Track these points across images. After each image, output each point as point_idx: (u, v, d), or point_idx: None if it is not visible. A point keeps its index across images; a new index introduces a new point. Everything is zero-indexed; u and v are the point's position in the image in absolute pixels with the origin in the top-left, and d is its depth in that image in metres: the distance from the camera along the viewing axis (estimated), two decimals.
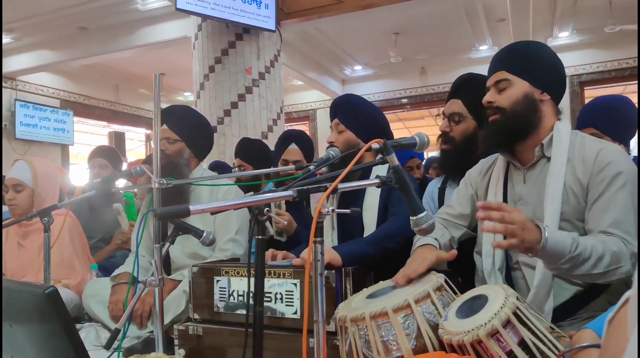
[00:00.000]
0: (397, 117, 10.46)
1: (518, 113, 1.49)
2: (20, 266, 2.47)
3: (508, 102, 1.51)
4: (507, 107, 1.51)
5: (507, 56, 1.56)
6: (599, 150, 1.43)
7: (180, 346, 1.80)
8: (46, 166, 2.61)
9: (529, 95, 1.50)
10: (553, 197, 1.43)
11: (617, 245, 1.31)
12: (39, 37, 6.72)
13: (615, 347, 0.57)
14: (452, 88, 2.02)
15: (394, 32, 7.11)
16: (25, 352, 1.09)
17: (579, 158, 1.45)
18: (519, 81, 1.51)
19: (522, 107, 1.49)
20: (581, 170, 1.43)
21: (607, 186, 1.38)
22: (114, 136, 9.43)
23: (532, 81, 1.51)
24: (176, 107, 2.37)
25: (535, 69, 1.52)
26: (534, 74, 1.51)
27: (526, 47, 1.57)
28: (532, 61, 1.53)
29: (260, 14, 5.11)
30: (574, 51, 7.60)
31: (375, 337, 1.22)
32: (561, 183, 1.43)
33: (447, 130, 1.97)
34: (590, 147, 1.46)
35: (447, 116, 1.98)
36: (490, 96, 1.55)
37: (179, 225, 1.61)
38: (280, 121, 5.49)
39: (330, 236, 2.01)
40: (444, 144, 1.99)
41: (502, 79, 1.53)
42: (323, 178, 1.20)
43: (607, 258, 1.28)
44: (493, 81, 1.55)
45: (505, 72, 1.53)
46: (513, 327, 1.08)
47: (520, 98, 1.50)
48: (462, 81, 1.99)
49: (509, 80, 1.52)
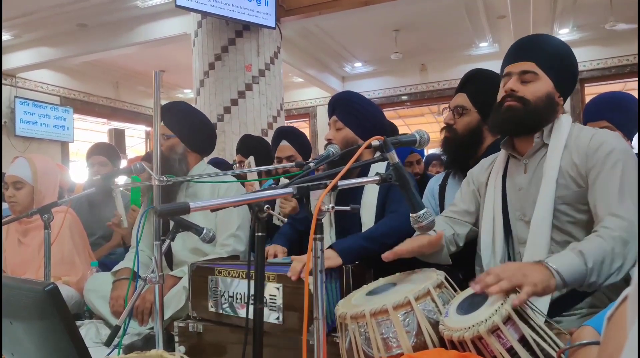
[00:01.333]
0: (397, 114, 10.45)
1: (539, 110, 1.48)
2: (20, 264, 2.47)
3: (533, 96, 1.48)
4: (531, 100, 1.48)
5: (538, 49, 1.52)
6: (592, 134, 1.45)
7: (180, 343, 1.80)
8: (46, 163, 2.61)
9: (550, 95, 1.50)
10: (548, 179, 1.44)
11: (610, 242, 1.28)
12: (39, 34, 6.70)
13: (615, 344, 0.57)
14: (459, 83, 2.03)
15: (394, 29, 7.10)
16: (25, 349, 1.09)
17: (575, 144, 1.46)
18: (546, 78, 1.50)
19: (544, 105, 1.48)
20: (576, 155, 1.44)
21: (602, 165, 1.38)
22: (114, 133, 9.42)
23: (556, 82, 1.50)
24: (172, 104, 2.37)
25: (562, 71, 1.51)
26: (559, 76, 1.51)
27: (558, 45, 1.55)
28: (561, 61, 1.52)
29: (260, 10, 5.11)
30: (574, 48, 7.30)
31: (375, 334, 1.22)
32: (557, 166, 1.44)
33: (450, 122, 1.98)
34: (585, 134, 1.47)
35: (452, 108, 1.99)
36: (514, 85, 1.50)
37: (179, 222, 1.61)
38: (280, 118, 5.49)
39: (329, 233, 2.01)
40: (446, 133, 2.00)
41: (530, 71, 1.50)
42: (323, 175, 1.20)
43: (617, 249, 1.26)
44: (519, 69, 1.51)
45: (534, 65, 1.49)
46: (514, 323, 1.08)
47: (544, 95, 1.49)
48: (469, 76, 2.01)
49: (537, 74, 1.49)
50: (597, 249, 1.25)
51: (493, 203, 1.60)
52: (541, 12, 6.28)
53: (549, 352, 1.07)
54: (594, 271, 1.23)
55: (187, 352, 1.75)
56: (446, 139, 2.01)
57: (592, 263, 1.22)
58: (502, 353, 1.06)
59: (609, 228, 1.30)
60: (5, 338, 1.09)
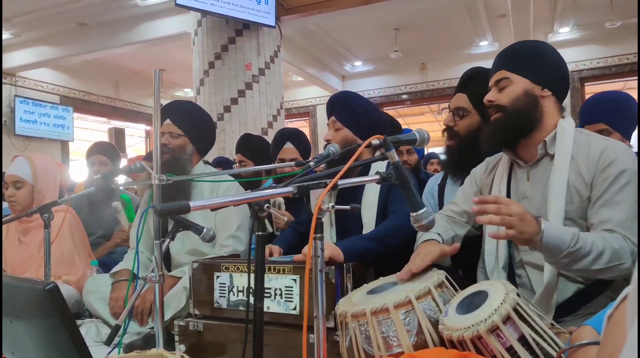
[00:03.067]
0: (397, 114, 10.44)
1: (519, 109, 1.49)
2: (20, 263, 2.48)
3: (508, 100, 1.51)
4: (507, 105, 1.51)
5: (507, 55, 1.57)
6: (603, 148, 1.42)
7: (180, 342, 1.80)
8: (46, 162, 2.61)
9: (529, 91, 1.50)
10: (557, 196, 1.43)
11: (619, 242, 1.30)
12: (39, 33, 6.70)
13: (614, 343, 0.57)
14: (459, 82, 2.01)
15: (394, 27, 7.09)
16: (25, 348, 1.09)
17: (583, 156, 1.44)
18: (519, 79, 1.52)
19: (523, 103, 1.49)
20: (585, 168, 1.42)
21: (610, 184, 1.37)
22: (114, 132, 9.42)
23: (532, 78, 1.51)
24: (180, 102, 2.37)
25: (535, 65, 1.52)
26: (533, 71, 1.51)
27: (525, 45, 1.58)
28: (532, 58, 1.53)
29: (260, 9, 5.10)
30: (574, 47, 7.59)
31: (376, 332, 1.22)
32: (565, 182, 1.43)
33: (451, 124, 1.97)
34: (596, 145, 1.44)
35: (452, 110, 1.98)
36: (491, 95, 1.56)
37: (179, 221, 1.61)
38: (280, 117, 5.49)
39: (329, 233, 2.01)
40: (449, 139, 1.99)
41: (502, 78, 1.54)
42: (323, 175, 1.20)
43: (608, 254, 1.28)
44: (494, 81, 1.57)
45: (505, 71, 1.53)
46: (513, 323, 1.08)
47: (520, 94, 1.50)
48: (469, 75, 1.98)
49: (508, 78, 1.53)
50: (592, 242, 1.28)
51: None
52: (541, 10, 6.28)
53: (549, 351, 1.07)
54: (570, 255, 1.27)
55: (187, 351, 1.75)
56: (449, 149, 2.00)
57: (578, 248, 1.27)
58: (502, 353, 1.06)
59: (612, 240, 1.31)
60: (5, 337, 1.09)
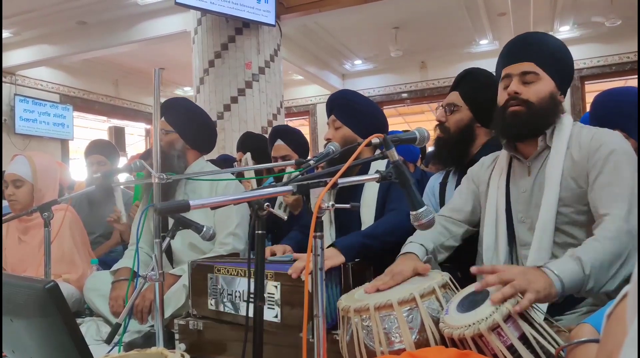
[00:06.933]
0: (397, 112, 10.44)
1: (543, 111, 1.46)
2: (20, 261, 2.48)
3: (536, 98, 1.46)
4: (535, 102, 1.46)
5: (537, 48, 1.49)
6: (593, 134, 1.44)
7: (180, 340, 1.81)
8: (46, 161, 2.61)
9: (553, 94, 1.48)
10: (551, 183, 1.43)
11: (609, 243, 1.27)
12: (39, 31, 6.70)
13: (614, 341, 0.57)
14: (453, 82, 2.04)
15: (394, 26, 7.09)
16: (26, 347, 1.09)
17: (576, 143, 1.45)
18: (548, 78, 1.47)
19: (547, 105, 1.46)
20: (577, 155, 1.43)
21: (602, 165, 1.38)
22: (114, 130, 9.42)
23: (557, 81, 1.48)
24: (173, 100, 2.38)
25: (563, 70, 1.50)
26: (560, 75, 1.49)
27: (556, 43, 1.52)
28: (560, 60, 1.50)
29: (260, 8, 5.10)
30: (574, 45, 7.55)
31: (378, 328, 1.22)
32: (559, 170, 1.43)
33: (442, 119, 2.00)
34: (586, 132, 1.46)
35: (444, 106, 2.01)
36: (516, 87, 1.48)
37: (179, 219, 1.61)
38: (280, 116, 5.49)
39: (329, 231, 2.01)
40: (440, 133, 2.02)
41: (530, 71, 1.47)
42: (323, 173, 1.20)
43: (615, 251, 1.25)
44: (519, 71, 1.48)
45: (535, 65, 1.47)
46: (514, 321, 1.08)
47: (547, 96, 1.46)
48: (462, 74, 2.02)
49: (538, 74, 1.47)
50: (594, 253, 1.24)
51: (496, 205, 1.58)
52: (541, 9, 6.27)
53: (549, 349, 1.07)
54: (591, 278, 1.21)
55: (187, 350, 1.75)
56: (438, 140, 2.02)
57: (590, 268, 1.21)
58: (503, 351, 1.06)
59: (606, 230, 1.29)
60: (5, 335, 1.09)
